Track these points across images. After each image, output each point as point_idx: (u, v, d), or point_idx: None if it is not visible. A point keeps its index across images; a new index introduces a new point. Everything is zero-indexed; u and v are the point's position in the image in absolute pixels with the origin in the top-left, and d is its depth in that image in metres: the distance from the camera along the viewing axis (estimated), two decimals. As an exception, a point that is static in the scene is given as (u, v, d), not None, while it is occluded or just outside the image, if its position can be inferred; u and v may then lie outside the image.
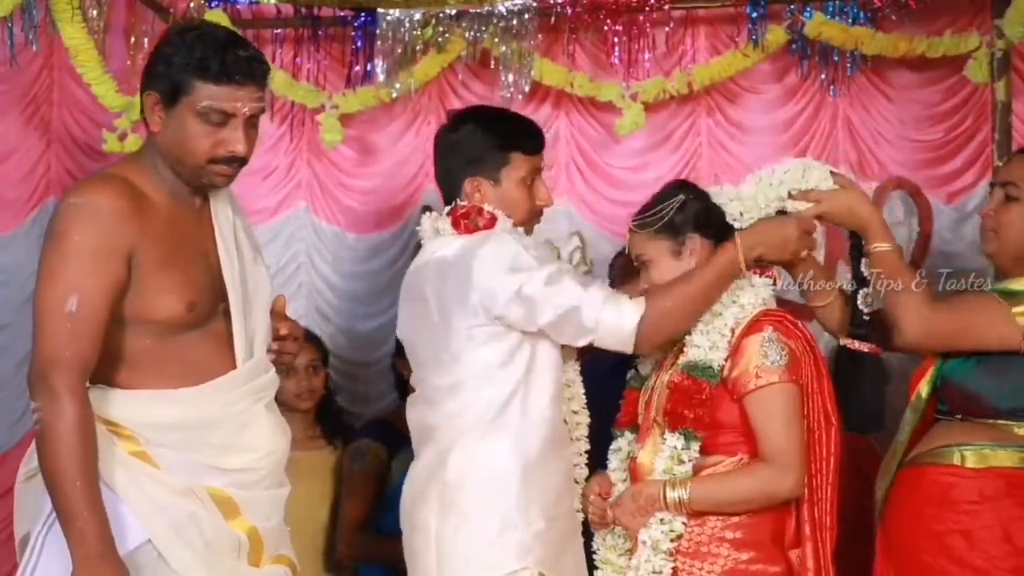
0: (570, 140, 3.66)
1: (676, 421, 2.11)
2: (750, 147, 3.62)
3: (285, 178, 3.73)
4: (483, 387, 2.12)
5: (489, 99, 3.62)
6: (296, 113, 3.68)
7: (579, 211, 3.65)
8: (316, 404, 3.28)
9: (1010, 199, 2.25)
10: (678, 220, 2.20)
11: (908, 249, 3.52)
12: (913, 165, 3.55)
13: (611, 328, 2.08)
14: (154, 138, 1.87)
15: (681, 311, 2.12)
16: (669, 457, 2.11)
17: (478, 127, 2.23)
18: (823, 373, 2.16)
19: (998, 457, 2.17)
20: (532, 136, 2.26)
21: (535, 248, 2.14)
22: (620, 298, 2.10)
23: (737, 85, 3.61)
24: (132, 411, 1.81)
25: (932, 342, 2.20)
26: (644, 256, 2.23)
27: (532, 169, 2.22)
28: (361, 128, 3.69)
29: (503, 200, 2.19)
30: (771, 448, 2.09)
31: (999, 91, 3.40)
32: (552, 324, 2.09)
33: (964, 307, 2.21)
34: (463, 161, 2.21)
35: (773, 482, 2.08)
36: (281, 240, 3.71)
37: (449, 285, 2.12)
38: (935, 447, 2.25)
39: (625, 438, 2.32)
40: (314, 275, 3.70)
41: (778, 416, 2.09)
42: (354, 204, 3.70)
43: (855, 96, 3.56)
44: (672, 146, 3.64)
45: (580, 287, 2.09)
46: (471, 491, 2.10)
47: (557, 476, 2.17)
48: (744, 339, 2.12)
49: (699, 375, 2.11)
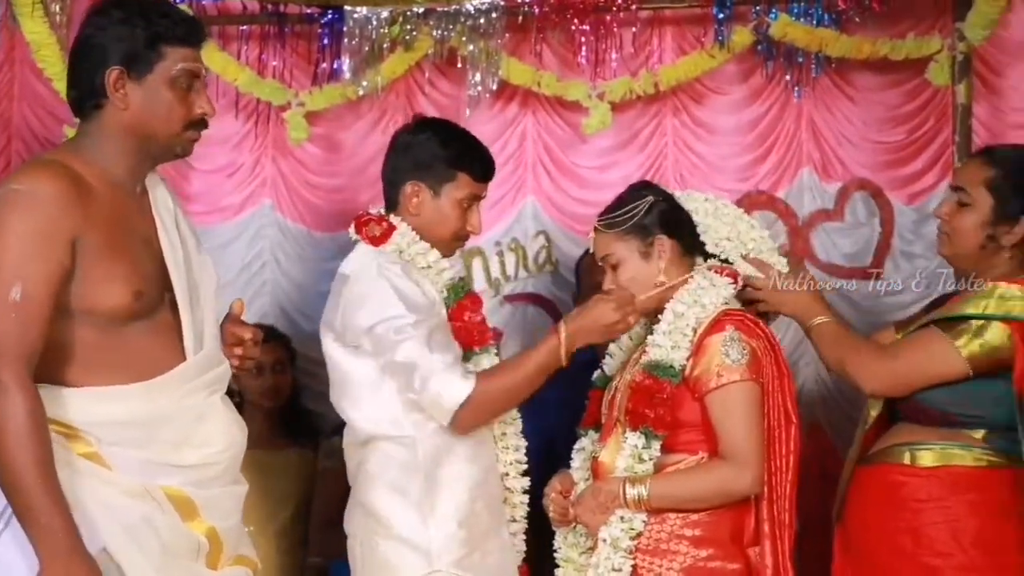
0: (537, 139, 3.67)
1: (637, 420, 2.14)
2: (715, 147, 3.65)
3: (250, 176, 3.69)
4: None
5: (456, 98, 3.64)
6: (261, 110, 3.65)
7: (545, 210, 3.67)
8: (282, 403, 3.32)
9: (962, 204, 2.30)
10: (647, 221, 2.23)
11: (870, 249, 3.63)
12: (875, 166, 3.59)
13: (434, 399, 2.11)
14: (112, 118, 1.79)
15: (505, 399, 2.16)
16: (630, 456, 2.14)
17: (436, 137, 2.29)
18: (784, 372, 2.19)
19: (948, 456, 2.22)
20: (484, 163, 2.31)
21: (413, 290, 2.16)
22: (455, 372, 2.11)
23: (703, 85, 3.62)
24: (82, 410, 1.75)
25: (891, 390, 2.26)
26: (612, 257, 2.25)
27: (473, 195, 2.28)
28: (327, 126, 3.67)
29: (436, 213, 2.26)
30: (730, 445, 2.12)
31: (960, 94, 3.44)
32: (392, 368, 2.14)
33: (909, 351, 2.26)
34: (412, 164, 2.27)
35: (732, 479, 2.11)
36: (246, 238, 3.69)
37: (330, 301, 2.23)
38: (888, 446, 2.29)
39: (589, 437, 2.35)
40: (279, 273, 3.68)
41: (738, 414, 2.12)
42: (320, 202, 3.68)
43: (819, 97, 3.59)
44: (638, 146, 3.65)
45: (425, 348, 2.10)
46: (381, 495, 2.17)
47: (470, 473, 2.19)
48: (706, 338, 2.15)
49: (660, 375, 2.14)
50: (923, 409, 2.25)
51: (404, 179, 2.26)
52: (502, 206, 3.63)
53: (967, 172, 2.36)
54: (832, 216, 3.65)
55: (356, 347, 2.17)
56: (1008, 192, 2.26)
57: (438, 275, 2.27)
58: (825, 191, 3.63)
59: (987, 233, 2.27)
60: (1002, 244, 2.27)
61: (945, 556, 2.18)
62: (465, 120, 3.54)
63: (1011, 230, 2.26)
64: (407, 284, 2.18)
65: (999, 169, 2.29)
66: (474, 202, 2.29)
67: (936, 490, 2.21)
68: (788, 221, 3.64)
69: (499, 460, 2.28)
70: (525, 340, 3.60)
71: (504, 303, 3.67)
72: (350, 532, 2.24)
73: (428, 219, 2.26)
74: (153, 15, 1.79)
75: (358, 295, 2.18)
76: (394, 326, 2.13)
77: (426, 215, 2.26)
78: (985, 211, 2.26)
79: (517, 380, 2.16)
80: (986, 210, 2.26)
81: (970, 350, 2.17)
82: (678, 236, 2.25)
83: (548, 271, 3.68)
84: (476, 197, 2.29)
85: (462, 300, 2.28)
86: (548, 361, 2.15)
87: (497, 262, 3.68)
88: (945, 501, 2.20)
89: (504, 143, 3.65)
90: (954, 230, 2.30)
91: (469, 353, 2.26)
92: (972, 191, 2.29)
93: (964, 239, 2.28)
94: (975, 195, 2.28)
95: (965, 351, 2.17)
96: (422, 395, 2.13)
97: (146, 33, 1.78)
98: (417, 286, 2.20)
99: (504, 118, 3.67)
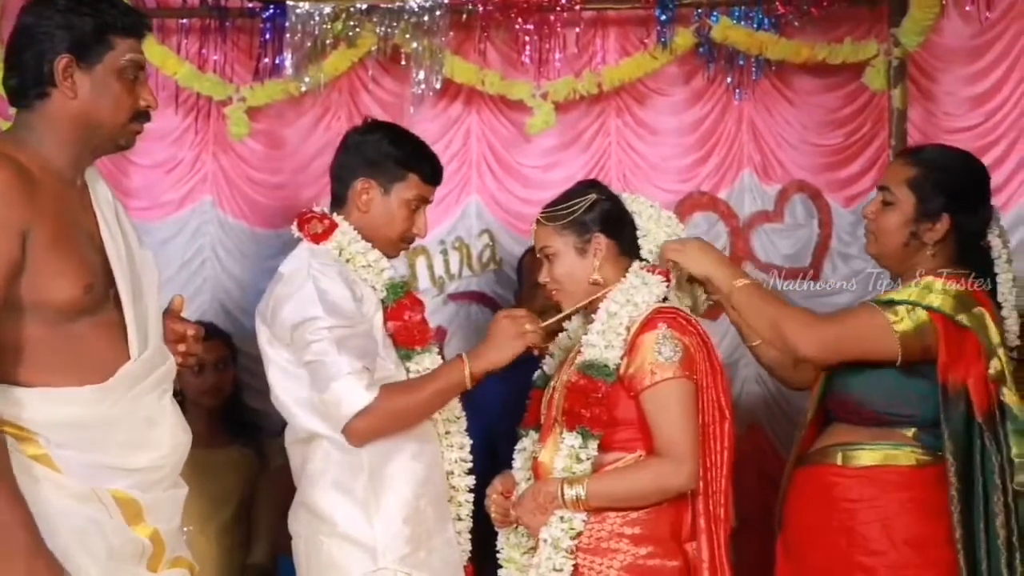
0: (481, 138, 3.67)
1: (573, 420, 2.15)
2: (658, 148, 3.68)
3: (190, 171, 3.67)
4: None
5: (400, 95, 3.64)
6: (202, 105, 3.63)
7: (489, 209, 3.68)
8: (223, 401, 3.28)
9: (886, 203, 2.32)
10: (587, 218, 2.25)
11: (809, 250, 3.68)
12: (814, 168, 3.65)
13: (334, 401, 2.11)
14: (57, 107, 1.76)
15: (404, 416, 2.16)
16: (568, 456, 2.14)
17: (388, 137, 2.32)
18: (717, 368, 2.20)
19: (880, 456, 2.24)
20: (434, 167, 2.34)
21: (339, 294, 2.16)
22: (360, 380, 2.11)
23: (645, 87, 3.65)
24: (34, 411, 1.72)
25: (825, 353, 2.25)
26: (549, 249, 2.27)
27: (421, 197, 2.30)
28: (269, 122, 3.66)
29: (385, 211, 2.28)
30: (666, 442, 2.12)
31: (895, 98, 3.50)
32: (308, 365, 2.15)
33: (848, 318, 2.28)
34: (363, 161, 2.29)
35: (668, 475, 2.12)
36: (186, 234, 3.66)
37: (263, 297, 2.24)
38: (822, 447, 2.32)
39: (530, 438, 2.36)
40: (220, 270, 3.66)
41: (673, 411, 2.13)
42: (261, 198, 3.66)
43: (759, 100, 3.63)
44: (582, 146, 3.67)
45: (334, 349, 2.11)
46: (325, 493, 2.16)
47: (415, 471, 2.20)
48: (639, 336, 2.16)
49: (595, 374, 2.15)
50: (856, 409, 2.28)
51: (355, 176, 2.28)
52: (446, 205, 3.63)
53: (891, 171, 2.39)
54: (772, 217, 3.69)
55: (287, 345, 2.19)
56: (929, 190, 2.28)
57: (378, 274, 2.27)
58: (765, 192, 3.67)
59: (910, 231, 2.29)
60: (924, 241, 2.29)
61: (878, 555, 2.19)
62: (409, 118, 3.57)
63: (932, 227, 2.28)
64: (334, 287, 2.18)
65: (921, 168, 2.31)
66: (422, 204, 2.31)
67: (868, 489, 2.23)
68: (729, 222, 3.67)
69: (444, 458, 2.28)
70: (469, 338, 3.60)
71: (448, 301, 3.67)
72: (294, 531, 2.24)
73: (376, 217, 2.27)
74: (101, 5, 1.78)
75: (285, 295, 2.19)
76: (310, 327, 2.14)
77: (375, 213, 2.27)
78: (907, 209, 2.28)
79: (420, 399, 2.17)
80: (908, 208, 2.28)
81: (903, 329, 2.18)
82: (616, 236, 2.27)
83: (492, 269, 3.68)
84: (424, 200, 2.31)
85: (402, 299, 2.27)
86: (452, 383, 2.17)
87: (441, 260, 3.67)
88: (877, 500, 2.22)
89: (448, 142, 3.65)
90: (879, 228, 2.33)
91: (410, 352, 2.26)
92: (895, 190, 2.31)
93: (889, 237, 2.31)
94: (898, 194, 2.30)
95: (899, 328, 2.18)
96: (323, 396, 2.12)
97: (95, 22, 1.76)
98: (349, 289, 2.19)
99: (448, 117, 3.67)
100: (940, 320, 2.18)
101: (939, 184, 2.29)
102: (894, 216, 2.30)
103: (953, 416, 2.15)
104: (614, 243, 2.26)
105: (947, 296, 2.19)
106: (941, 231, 2.29)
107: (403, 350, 2.26)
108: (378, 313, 2.25)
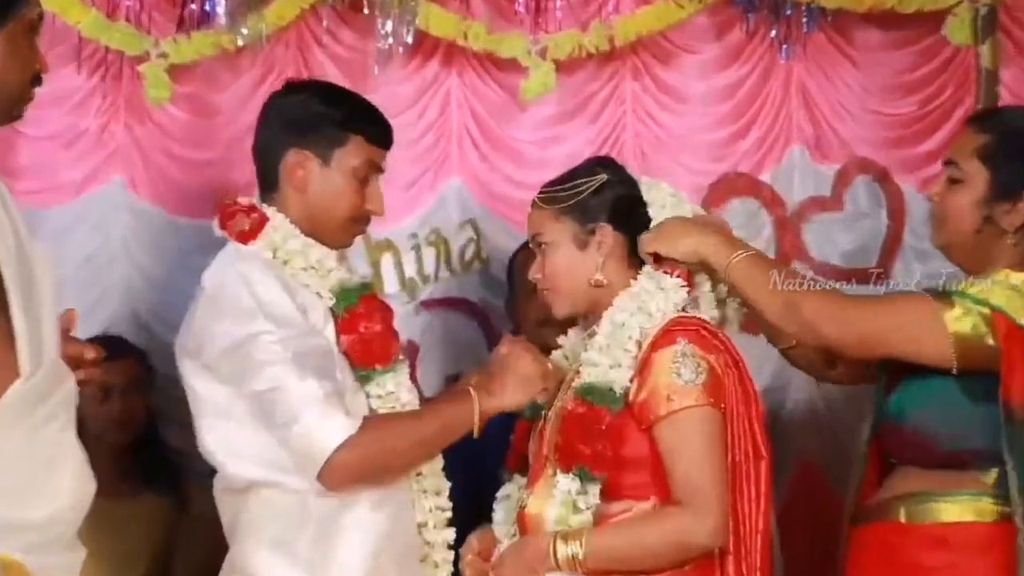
0: (463, 105, 3.66)
1: (570, 458, 2.13)
2: (684, 118, 3.66)
3: (96, 145, 3.64)
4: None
5: (362, 51, 3.60)
6: (111, 62, 3.60)
7: (474, 195, 3.68)
8: (134, 436, 3.28)
9: (953, 181, 2.31)
10: (593, 203, 2.25)
11: (876, 246, 3.69)
12: (881, 144, 3.64)
13: (304, 434, 2.09)
14: None
15: (397, 457, 2.16)
16: (562, 504, 2.13)
17: (317, 96, 2.32)
18: (751, 394, 2.20)
19: (951, 510, 2.23)
20: (380, 125, 2.33)
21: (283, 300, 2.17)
22: (335, 407, 2.10)
23: (669, 42, 3.64)
24: None
25: (855, 341, 2.21)
26: (543, 237, 2.27)
27: (370, 163, 2.29)
28: (196, 84, 3.64)
29: (328, 186, 2.27)
30: (685, 487, 2.11)
31: (984, 56, 3.51)
32: (258, 396, 2.13)
33: (891, 303, 2.26)
34: (291, 128, 2.28)
35: (688, 530, 2.10)
36: (89, 225, 3.63)
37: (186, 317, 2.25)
38: (883, 499, 2.30)
39: (514, 483, 2.37)
40: (133, 271, 3.64)
41: (694, 447, 2.11)
42: (186, 180, 3.64)
43: (812, 59, 3.62)
44: (590, 116, 3.65)
45: (295, 372, 2.10)
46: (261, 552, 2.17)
47: (375, 523, 2.19)
48: (652, 354, 2.15)
49: (597, 400, 2.13)
50: (915, 445, 2.26)
51: (284, 148, 2.28)
52: (419, 189, 3.64)
53: (959, 141, 2.37)
54: (828, 205, 3.70)
55: (217, 372, 2.18)
56: (1005, 162, 2.27)
57: (324, 277, 2.27)
58: (820, 174, 3.68)
59: (983, 214, 2.28)
60: (1003, 227, 2.27)
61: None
62: (373, 80, 3.55)
63: (1012, 208, 2.27)
64: (274, 293, 2.18)
65: (995, 135, 2.30)
66: (373, 172, 2.30)
67: (940, 554, 2.21)
68: (774, 211, 3.69)
69: (415, 506, 2.28)
70: (448, 356, 3.61)
71: (421, 310, 3.68)
72: None
73: (318, 196, 2.27)
74: None
75: (213, 313, 2.19)
76: (256, 347, 2.13)
77: (315, 191, 2.27)
78: (979, 187, 2.27)
79: (419, 436, 2.18)
80: (980, 186, 2.27)
81: (959, 328, 2.16)
82: (627, 230, 2.26)
83: (477, 270, 3.69)
84: (374, 166, 2.31)
85: (355, 306, 2.27)
86: (458, 423, 2.18)
87: (413, 258, 3.69)
88: (955, 568, 2.20)
89: (422, 110, 3.65)
90: (945, 212, 2.32)
91: (370, 373, 2.25)
92: (963, 164, 2.30)
93: (957, 223, 2.30)
94: (967, 168, 2.29)
95: (953, 327, 2.16)
96: (288, 433, 2.11)
97: None
98: (291, 297, 2.20)
99: (422, 79, 3.67)
100: (1003, 322, 2.16)
101: (1019, 153, 2.27)
102: (963, 196, 2.29)
103: (1021, 450, 2.14)
104: (624, 238, 2.26)
105: (1016, 293, 2.17)
106: (1022, 213, 2.27)
107: (361, 371, 2.25)
108: (328, 325, 2.24)
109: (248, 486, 2.20)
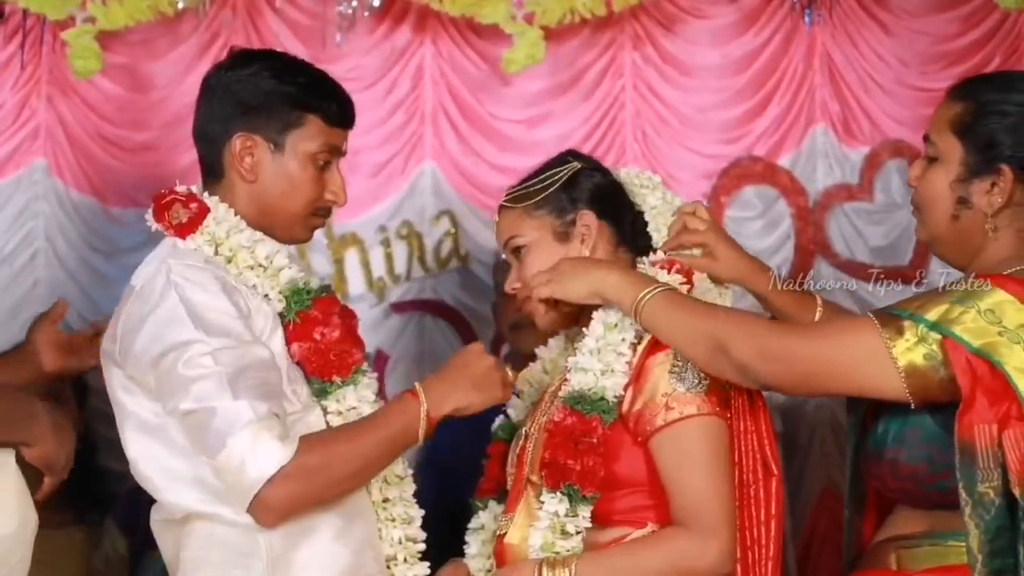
0: (439, 79, 3.64)
1: (557, 476, 2.06)
2: (692, 94, 3.66)
3: (14, 124, 3.61)
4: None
5: (321, 16, 3.59)
6: (31, 28, 3.58)
7: (451, 182, 3.66)
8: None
9: (930, 160, 2.19)
10: (569, 192, 2.20)
11: (909, 241, 3.56)
12: (917, 124, 3.54)
13: (233, 465, 2.02)
14: None
15: (336, 481, 2.09)
16: (549, 528, 2.07)
17: (267, 70, 2.22)
18: (759, 403, 2.14)
19: (938, 554, 2.09)
20: (340, 102, 2.25)
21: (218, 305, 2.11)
22: (271, 432, 2.03)
23: (675, 5, 3.64)
24: None
25: (794, 384, 2.11)
26: (517, 240, 2.20)
27: (329, 146, 2.22)
28: (130, 53, 3.62)
29: (280, 175, 2.20)
30: (687, 506, 2.04)
31: (1036, 21, 3.48)
32: (185, 416, 2.05)
33: (828, 334, 2.13)
34: (237, 108, 2.20)
35: (691, 554, 2.04)
36: (8, 214, 3.60)
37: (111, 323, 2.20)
38: (877, 542, 2.18)
39: (489, 511, 2.30)
40: (57, 267, 3.61)
41: (697, 461, 2.05)
42: (119, 164, 3.62)
43: (839, 25, 3.64)
44: (583, 91, 3.63)
45: (229, 389, 2.03)
46: None
47: (336, 556, 2.14)
48: (649, 358, 2.09)
49: (587, 410, 2.08)
50: (896, 480, 2.13)
51: (229, 131, 2.19)
52: (388, 175, 3.63)
53: (935, 114, 2.25)
54: (856, 194, 3.70)
55: (144, 386, 2.11)
56: (981, 133, 2.13)
57: (273, 276, 2.19)
58: (847, 158, 3.69)
59: (957, 195, 2.13)
60: (981, 209, 2.12)
61: None
62: (335, 49, 3.58)
63: (991, 187, 2.11)
64: (211, 296, 2.10)
65: (967, 102, 2.15)
66: (333, 157, 2.23)
67: None
68: (794, 200, 3.69)
69: (382, 537, 2.21)
70: (422, 366, 3.58)
71: (391, 313, 3.67)
72: None
73: (269, 186, 2.20)
74: None
75: (139, 316, 2.11)
76: (183, 358, 2.04)
77: (266, 180, 2.20)
78: (953, 164, 2.14)
79: (357, 453, 2.09)
80: (954, 162, 2.14)
81: (911, 359, 2.02)
82: (611, 218, 2.20)
83: (454, 268, 3.67)
84: (335, 149, 2.23)
85: (308, 310, 2.18)
86: (400, 428, 2.11)
87: (381, 255, 3.66)
88: None
89: (392, 84, 3.64)
90: (922, 197, 2.19)
91: (327, 386, 2.17)
92: (937, 139, 2.17)
93: (933, 208, 2.17)
94: (941, 144, 2.16)
95: (904, 359, 2.02)
96: (216, 459, 2.02)
97: None
98: (229, 301, 2.12)
99: (391, 48, 3.65)
100: (956, 351, 2.02)
101: (992, 121, 2.11)
102: (938, 175, 2.16)
103: (977, 489, 2.01)
104: (609, 227, 2.20)
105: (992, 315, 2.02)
106: (1003, 192, 2.09)
107: (317, 383, 2.16)
108: (277, 332, 2.16)
109: (187, 517, 2.12)
